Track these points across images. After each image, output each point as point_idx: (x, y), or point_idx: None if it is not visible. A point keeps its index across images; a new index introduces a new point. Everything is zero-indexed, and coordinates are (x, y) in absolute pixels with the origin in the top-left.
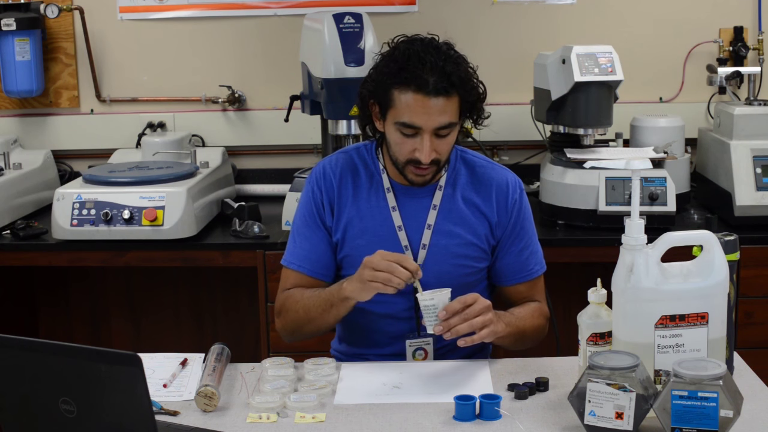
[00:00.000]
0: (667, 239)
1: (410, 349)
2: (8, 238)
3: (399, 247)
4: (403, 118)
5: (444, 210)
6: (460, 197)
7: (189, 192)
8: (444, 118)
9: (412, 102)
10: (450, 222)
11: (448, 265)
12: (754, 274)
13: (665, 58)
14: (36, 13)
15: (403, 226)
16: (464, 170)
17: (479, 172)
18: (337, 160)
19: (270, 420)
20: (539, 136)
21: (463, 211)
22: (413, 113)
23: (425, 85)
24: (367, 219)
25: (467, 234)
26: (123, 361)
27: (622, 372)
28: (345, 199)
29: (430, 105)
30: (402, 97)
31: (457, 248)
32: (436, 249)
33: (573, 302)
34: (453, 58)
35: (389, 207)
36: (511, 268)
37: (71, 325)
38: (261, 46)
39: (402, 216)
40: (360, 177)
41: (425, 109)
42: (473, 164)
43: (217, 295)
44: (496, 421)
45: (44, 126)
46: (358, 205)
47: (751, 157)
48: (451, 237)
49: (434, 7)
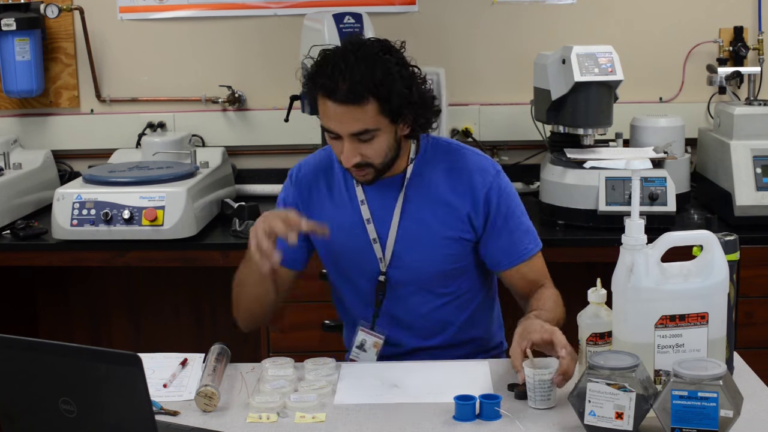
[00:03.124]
0: (667, 239)
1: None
2: (8, 238)
3: (367, 240)
4: (322, 121)
5: (413, 200)
6: (429, 186)
7: (189, 192)
8: (357, 125)
9: (325, 107)
10: (419, 212)
11: (420, 254)
12: (754, 274)
13: (665, 58)
14: (36, 13)
15: (371, 219)
16: (435, 158)
17: (451, 158)
18: (313, 159)
19: (270, 420)
20: (539, 136)
21: (433, 201)
22: (328, 119)
23: (333, 92)
24: (338, 213)
25: (438, 223)
26: (123, 361)
27: (622, 372)
28: (317, 196)
29: (340, 112)
30: (320, 101)
31: (428, 237)
32: (405, 239)
33: (573, 302)
34: (373, 61)
35: (358, 200)
36: (504, 252)
37: (71, 325)
38: (261, 46)
39: (370, 208)
40: (334, 173)
41: (336, 116)
42: (445, 151)
43: (217, 295)
44: (496, 421)
45: (44, 126)
46: (332, 200)
47: (751, 157)
48: (421, 226)
49: (434, 7)
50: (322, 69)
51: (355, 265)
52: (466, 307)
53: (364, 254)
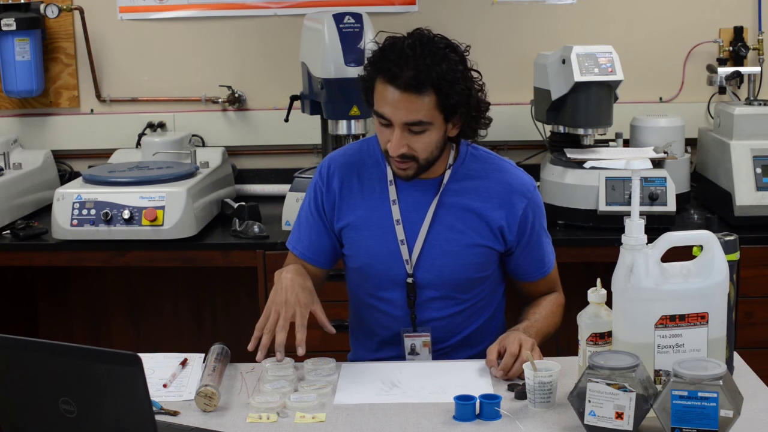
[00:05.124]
0: (667, 239)
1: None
2: (8, 238)
3: (395, 240)
4: (377, 107)
5: (446, 205)
6: (465, 194)
7: (189, 192)
8: (413, 115)
9: (384, 93)
10: (451, 218)
11: (446, 260)
12: (754, 274)
13: (665, 58)
14: (36, 13)
15: (401, 220)
16: (473, 167)
17: (490, 169)
18: (345, 153)
19: (270, 420)
20: (539, 136)
21: (466, 209)
22: (384, 104)
23: (396, 77)
24: (369, 211)
25: (469, 230)
26: (123, 361)
27: (622, 372)
28: (348, 192)
29: (399, 99)
30: (379, 86)
31: (457, 244)
32: (433, 244)
33: (573, 302)
34: (439, 56)
35: (390, 200)
36: (532, 266)
37: (71, 325)
38: (261, 46)
39: (402, 209)
40: (366, 169)
41: (394, 102)
42: (484, 161)
43: (217, 295)
44: (496, 421)
45: (44, 126)
46: (363, 197)
47: (751, 157)
48: (451, 232)
49: (434, 7)
50: (388, 54)
51: (381, 266)
52: (478, 318)
53: (391, 255)
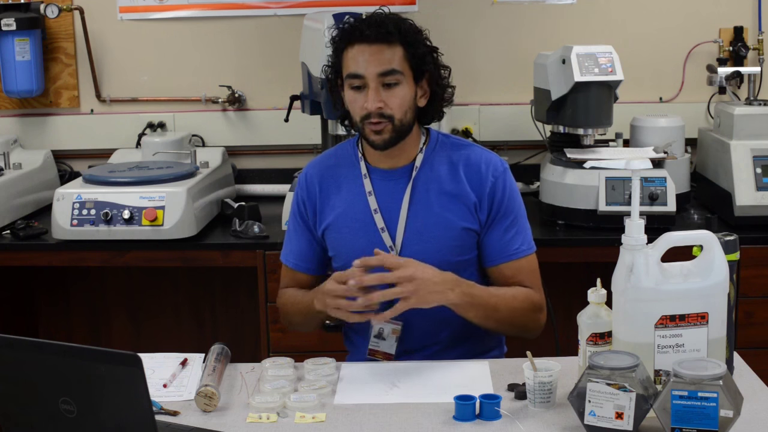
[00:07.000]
0: (667, 239)
1: (376, 326)
2: (8, 238)
3: (375, 230)
4: (349, 70)
5: (421, 190)
6: (438, 177)
7: (189, 192)
8: (385, 65)
9: (354, 53)
10: (427, 201)
11: (428, 243)
12: (754, 274)
13: (665, 58)
14: (36, 13)
15: (378, 209)
16: (444, 150)
17: (460, 152)
18: (321, 159)
19: (270, 420)
20: (539, 136)
21: (441, 191)
22: (356, 63)
23: (363, 33)
24: (347, 207)
25: (445, 212)
26: (123, 361)
27: (622, 372)
28: (327, 194)
29: (370, 52)
30: (348, 53)
31: (436, 226)
32: (413, 229)
33: (573, 302)
34: (401, 18)
35: (366, 192)
36: (494, 248)
37: (71, 325)
38: (261, 46)
39: (378, 199)
40: (341, 171)
41: (365, 56)
42: (454, 144)
43: (217, 295)
44: (496, 421)
45: (44, 126)
46: (340, 194)
47: (751, 157)
48: (429, 215)
49: (434, 7)
50: (351, 24)
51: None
52: None
53: (373, 244)
